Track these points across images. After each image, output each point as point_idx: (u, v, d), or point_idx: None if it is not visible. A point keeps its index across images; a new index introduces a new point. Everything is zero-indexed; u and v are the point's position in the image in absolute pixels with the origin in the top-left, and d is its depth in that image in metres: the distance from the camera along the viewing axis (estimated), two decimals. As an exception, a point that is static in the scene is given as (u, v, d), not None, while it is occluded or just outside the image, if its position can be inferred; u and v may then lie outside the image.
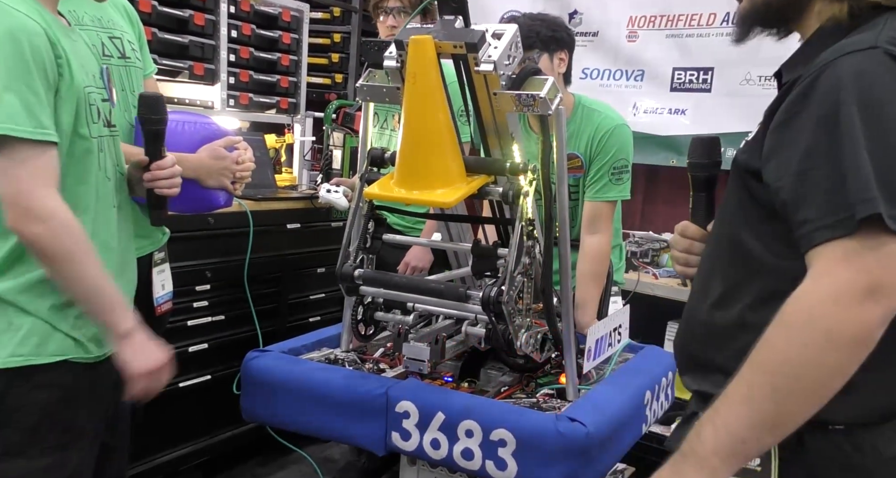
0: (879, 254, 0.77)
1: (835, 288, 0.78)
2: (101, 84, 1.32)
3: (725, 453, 0.83)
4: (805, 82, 0.85)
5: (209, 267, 2.29)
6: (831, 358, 0.78)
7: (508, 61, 1.36)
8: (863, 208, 0.78)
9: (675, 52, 3.17)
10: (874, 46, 0.82)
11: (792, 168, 0.83)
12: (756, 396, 0.81)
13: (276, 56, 2.96)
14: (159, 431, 2.19)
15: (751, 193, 0.92)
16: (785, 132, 0.86)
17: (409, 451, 1.43)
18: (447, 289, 1.48)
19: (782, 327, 0.81)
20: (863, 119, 0.79)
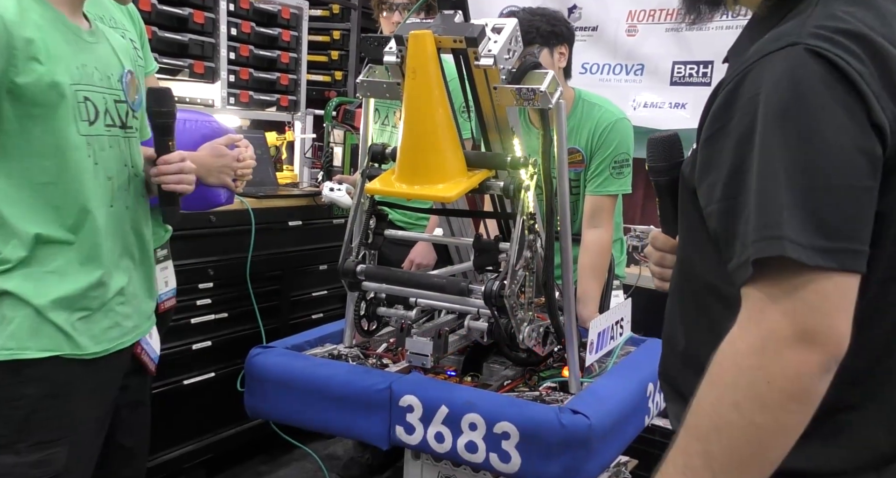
0: (803, 294, 0.66)
1: (760, 337, 0.67)
2: (117, 86, 1.32)
3: None
4: (728, 88, 0.74)
5: (211, 265, 2.30)
6: (765, 418, 0.67)
7: (508, 55, 1.36)
8: (759, 249, 0.67)
9: (674, 46, 3.17)
10: (795, 43, 0.70)
11: (716, 195, 0.73)
12: (691, 466, 0.70)
13: (276, 54, 2.97)
14: (164, 428, 2.19)
15: (696, 212, 0.79)
16: (712, 149, 0.74)
17: (412, 445, 1.44)
18: (449, 284, 1.48)
19: (711, 386, 0.70)
20: (781, 135, 0.68)
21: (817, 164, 0.67)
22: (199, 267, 2.26)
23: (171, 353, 2.17)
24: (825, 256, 0.66)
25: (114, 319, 1.30)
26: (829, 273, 0.66)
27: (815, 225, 0.66)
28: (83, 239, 1.24)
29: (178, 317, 2.13)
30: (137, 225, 1.38)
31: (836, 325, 0.66)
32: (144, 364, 1.42)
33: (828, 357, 0.66)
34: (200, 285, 2.27)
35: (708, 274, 0.80)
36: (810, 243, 0.66)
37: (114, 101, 1.31)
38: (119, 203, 1.32)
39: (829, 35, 0.69)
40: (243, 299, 2.36)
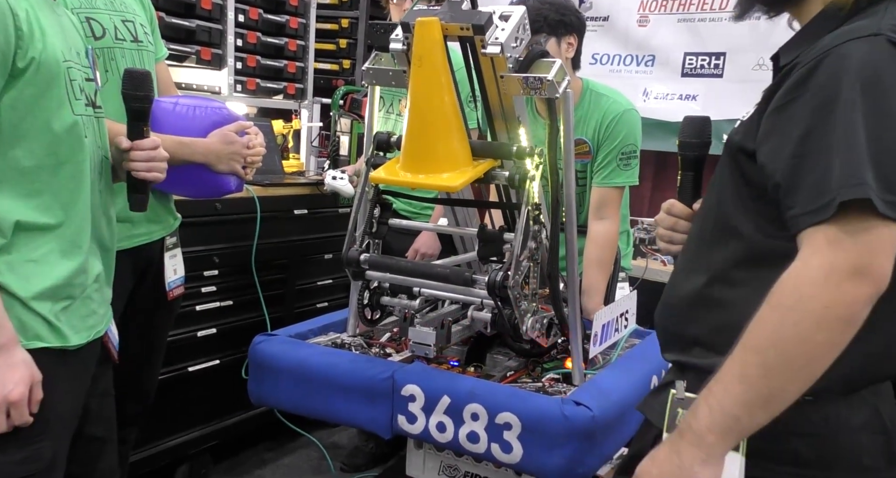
0: (866, 237, 0.79)
1: (823, 269, 0.80)
2: (85, 63, 1.26)
3: (720, 430, 0.85)
4: (806, 67, 0.85)
5: (217, 252, 2.30)
6: (820, 337, 0.80)
7: (516, 44, 1.35)
8: (847, 193, 0.79)
9: (686, 37, 3.14)
10: (877, 33, 0.83)
11: (787, 152, 0.85)
12: (749, 374, 0.84)
13: (284, 41, 2.96)
14: (168, 415, 2.21)
15: (743, 174, 0.93)
16: (782, 116, 0.87)
17: (414, 434, 1.44)
18: (453, 274, 1.47)
19: (773, 308, 0.83)
20: (864, 106, 0.81)
21: (890, 133, 0.80)
22: (204, 255, 2.26)
23: (177, 340, 2.18)
24: (890, 207, 0.79)
25: (91, 308, 1.26)
26: (887, 222, 0.80)
27: (886, 182, 0.80)
28: (67, 224, 1.19)
29: (184, 304, 2.13)
30: (107, 209, 1.32)
31: (884, 265, 0.80)
32: (110, 353, 1.37)
33: (875, 291, 0.80)
34: (206, 273, 2.28)
35: (745, 229, 0.93)
36: (881, 196, 0.79)
37: (85, 80, 1.25)
38: (94, 187, 1.26)
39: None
40: (248, 287, 2.36)
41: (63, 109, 1.17)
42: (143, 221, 1.71)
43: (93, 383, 1.32)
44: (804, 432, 0.91)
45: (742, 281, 0.91)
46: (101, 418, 1.37)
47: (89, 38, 1.56)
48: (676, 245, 1.14)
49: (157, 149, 1.35)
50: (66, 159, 1.19)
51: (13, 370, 1.10)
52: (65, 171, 1.19)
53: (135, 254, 1.70)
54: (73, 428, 1.26)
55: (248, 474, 2.51)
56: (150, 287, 1.77)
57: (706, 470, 0.86)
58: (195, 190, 1.80)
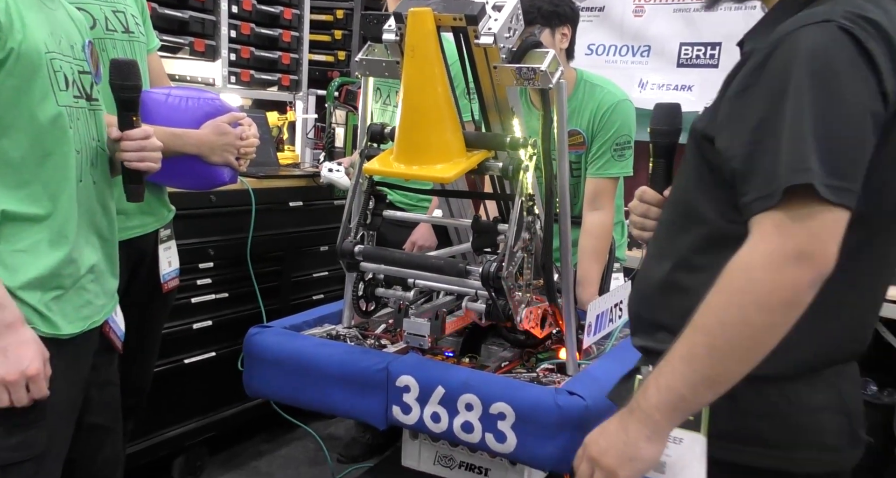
0: (810, 222, 0.81)
1: (768, 254, 0.82)
2: (81, 56, 1.27)
3: (666, 408, 0.88)
4: (761, 54, 0.87)
5: (212, 245, 2.30)
6: (763, 319, 0.82)
7: (509, 34, 1.35)
8: (791, 178, 0.81)
9: (681, 27, 3.13)
10: (828, 20, 0.84)
11: (743, 139, 0.86)
12: (695, 355, 0.86)
13: (278, 32, 2.94)
14: (165, 407, 2.22)
15: (706, 160, 0.94)
16: (739, 102, 0.88)
17: (409, 424, 1.44)
18: (447, 265, 1.48)
19: (720, 291, 0.85)
20: (813, 92, 0.82)
21: (838, 118, 0.82)
22: (199, 247, 2.26)
23: (172, 332, 2.18)
24: (834, 192, 0.80)
25: (85, 298, 1.26)
26: (832, 207, 0.81)
27: (831, 166, 0.81)
28: (55, 215, 1.19)
29: (179, 296, 2.13)
30: (104, 201, 1.32)
31: (827, 250, 0.81)
32: (112, 342, 1.38)
33: (817, 275, 0.82)
34: (201, 265, 2.28)
35: (707, 215, 0.94)
36: (825, 181, 0.80)
37: (79, 72, 1.25)
38: (87, 178, 1.26)
39: (855, 18, 0.84)
40: (244, 280, 2.36)
41: (47, 101, 1.18)
42: (136, 213, 1.71)
43: (94, 373, 1.33)
44: (765, 412, 0.92)
45: (704, 266, 0.92)
46: (103, 407, 1.38)
47: None
48: (648, 232, 1.15)
49: (149, 138, 1.34)
50: (51, 151, 1.19)
51: (26, 347, 1.13)
52: (50, 162, 1.19)
53: (129, 246, 1.69)
54: (72, 417, 1.27)
55: (244, 465, 2.52)
56: (145, 279, 1.77)
57: (650, 446, 0.89)
58: (189, 182, 1.80)
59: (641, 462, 0.89)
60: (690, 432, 0.92)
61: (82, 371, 1.30)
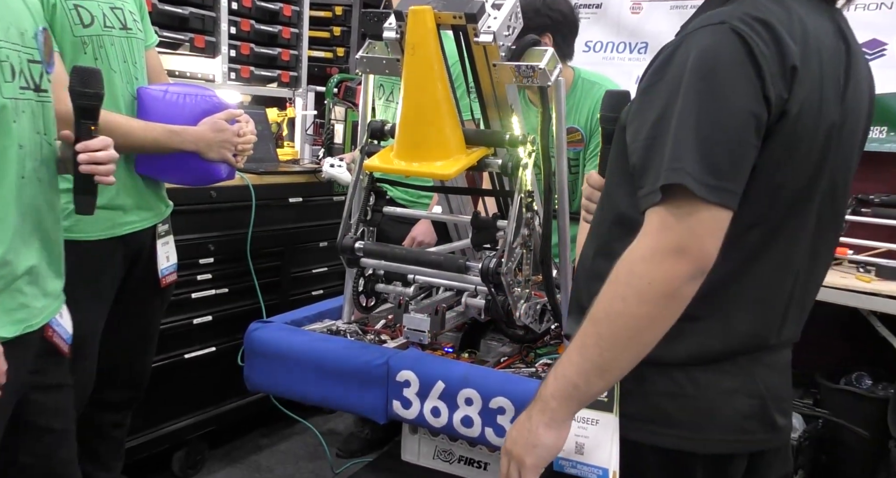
0: (689, 219, 0.84)
1: (649, 248, 0.85)
2: (32, 44, 1.19)
3: (561, 396, 0.91)
4: (667, 52, 0.90)
5: (212, 240, 2.30)
6: (644, 310, 0.85)
7: (508, 32, 1.36)
8: (667, 177, 0.83)
9: (678, 24, 3.09)
10: (723, 22, 0.86)
11: (642, 134, 0.89)
12: (586, 345, 0.89)
13: (278, 29, 2.94)
14: (164, 401, 2.23)
15: (625, 150, 0.97)
16: (644, 99, 0.91)
17: (409, 419, 1.46)
18: (447, 261, 1.49)
19: (609, 283, 0.88)
20: (699, 92, 0.84)
21: (719, 119, 0.84)
22: (199, 242, 2.27)
23: (172, 327, 2.19)
24: (710, 191, 0.83)
25: (20, 301, 1.19)
26: (709, 205, 0.83)
27: (709, 166, 0.83)
28: None
29: (179, 291, 2.14)
30: (50, 199, 1.25)
31: (705, 245, 0.84)
32: (57, 346, 1.30)
33: (695, 269, 0.84)
34: (201, 261, 2.29)
35: (623, 204, 0.97)
36: (702, 180, 0.83)
37: (28, 61, 1.18)
38: (31, 175, 1.18)
39: (749, 21, 0.86)
40: (244, 275, 2.37)
41: None
42: (133, 208, 1.72)
43: (40, 377, 1.26)
44: (672, 393, 0.94)
45: (615, 254, 0.93)
46: (53, 411, 1.32)
47: (77, 25, 1.55)
48: (591, 215, 1.18)
49: (107, 150, 1.28)
50: None
51: None
52: None
53: (126, 241, 1.71)
54: (3, 421, 1.20)
55: (244, 459, 2.54)
56: (142, 274, 1.78)
57: (549, 433, 0.91)
58: (186, 178, 1.81)
59: (543, 449, 0.92)
60: (604, 414, 0.95)
61: (19, 375, 1.20)
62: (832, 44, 0.92)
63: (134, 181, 1.72)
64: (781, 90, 0.85)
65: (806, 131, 0.88)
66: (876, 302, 2.17)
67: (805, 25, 0.89)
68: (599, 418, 0.96)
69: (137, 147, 1.65)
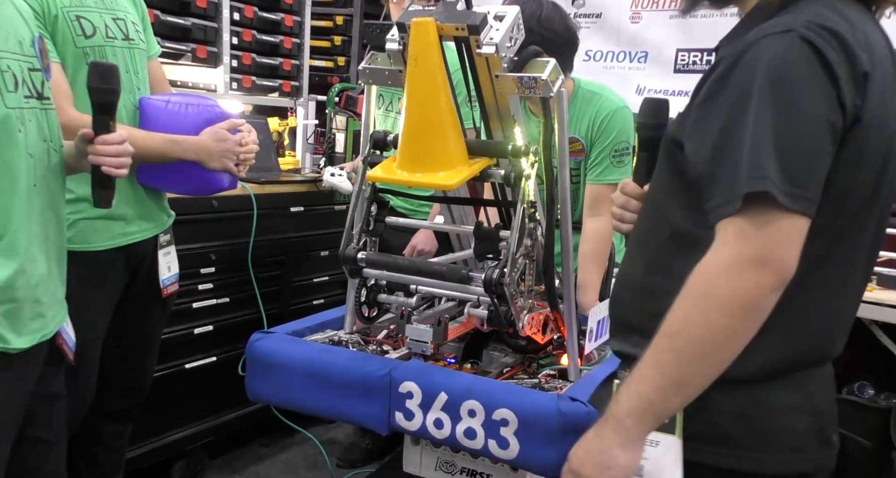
0: (769, 228, 0.82)
1: (728, 259, 0.84)
2: (31, 52, 1.21)
3: (637, 414, 0.88)
4: (727, 62, 0.88)
5: (213, 250, 2.31)
6: (724, 323, 0.83)
7: (510, 43, 1.36)
8: (750, 185, 0.82)
9: (678, 34, 3.15)
10: (789, 30, 0.85)
11: (707, 145, 0.88)
12: (662, 360, 0.87)
13: (279, 39, 2.96)
14: (165, 411, 2.22)
15: (676, 164, 0.96)
16: (706, 109, 0.90)
17: (412, 431, 1.45)
18: (449, 271, 1.49)
19: (685, 296, 0.86)
20: (772, 101, 0.83)
21: (797, 127, 0.83)
22: (201, 252, 2.27)
23: (173, 337, 2.19)
24: (792, 199, 0.82)
25: (36, 311, 1.20)
26: (791, 214, 0.83)
27: (789, 174, 0.82)
28: (4, 226, 1.13)
29: (180, 301, 2.14)
30: (56, 205, 1.27)
31: (786, 255, 0.83)
32: (64, 353, 1.32)
33: (776, 280, 0.83)
34: (202, 270, 2.29)
35: (675, 217, 0.96)
36: (783, 188, 0.82)
37: (28, 70, 1.19)
38: (41, 183, 1.20)
39: (816, 28, 0.85)
40: (245, 284, 2.37)
41: None
42: (135, 218, 1.72)
43: (40, 386, 1.27)
44: (734, 413, 0.93)
45: (674, 269, 0.92)
46: (47, 421, 1.32)
47: (80, 36, 1.55)
48: (626, 224, 1.16)
49: (124, 143, 1.30)
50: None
51: None
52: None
53: (128, 251, 1.71)
54: (12, 432, 1.21)
55: (244, 470, 2.53)
56: (144, 284, 1.78)
57: (625, 453, 0.89)
58: (188, 187, 1.81)
59: (618, 470, 0.90)
60: (666, 435, 0.93)
61: (28, 386, 1.23)
62: (884, 51, 0.92)
63: (136, 191, 1.72)
64: (855, 97, 0.85)
65: (874, 139, 0.88)
66: (878, 311, 2.18)
67: (865, 33, 0.89)
68: (661, 439, 0.93)
69: (139, 157, 1.65)
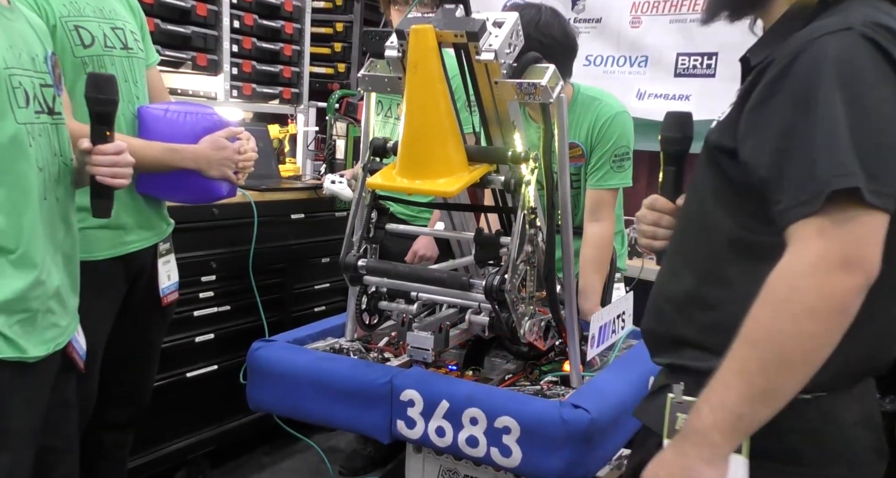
0: (854, 227, 0.80)
1: (813, 261, 0.81)
2: (43, 68, 1.23)
3: (725, 428, 0.85)
4: (782, 64, 0.87)
5: (214, 258, 2.30)
6: (814, 328, 0.81)
7: (509, 50, 1.36)
8: (836, 182, 0.80)
9: (678, 38, 3.15)
10: (849, 28, 0.84)
11: (769, 147, 0.85)
12: (748, 370, 0.84)
13: (279, 46, 2.96)
14: (166, 420, 2.22)
15: (723, 172, 0.94)
16: (762, 112, 0.88)
17: (413, 439, 1.44)
18: (450, 278, 1.48)
19: (767, 302, 0.83)
20: (843, 99, 0.82)
21: (871, 123, 0.82)
22: (201, 260, 2.27)
23: (174, 345, 2.19)
24: (876, 196, 0.80)
25: (51, 320, 1.23)
26: (874, 211, 0.80)
27: (869, 171, 0.80)
28: (18, 237, 1.16)
29: (181, 309, 2.14)
30: (67, 217, 1.29)
31: (871, 254, 0.81)
32: (75, 362, 1.34)
33: (864, 280, 0.80)
34: (203, 278, 2.28)
35: (727, 226, 0.93)
36: (867, 185, 0.80)
37: (40, 86, 1.22)
38: (51, 196, 1.23)
39: (874, 26, 0.85)
40: (246, 292, 2.36)
41: (5, 119, 1.14)
42: (134, 227, 1.71)
43: (54, 394, 1.29)
44: (802, 429, 0.91)
45: (729, 279, 0.91)
46: (58, 429, 1.33)
47: (78, 46, 1.56)
48: (660, 241, 1.14)
49: (122, 154, 1.31)
50: (8, 170, 1.15)
51: None
52: (7, 182, 1.15)
53: (127, 260, 1.70)
54: (34, 440, 1.23)
55: (246, 478, 2.52)
56: (143, 293, 1.78)
57: (712, 470, 0.86)
58: (187, 196, 1.81)
59: None
60: (734, 455, 0.89)
61: (45, 394, 1.25)
62: None
63: (135, 200, 1.72)
64: None
65: None
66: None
67: None
68: (729, 459, 0.88)
69: (138, 166, 1.65)
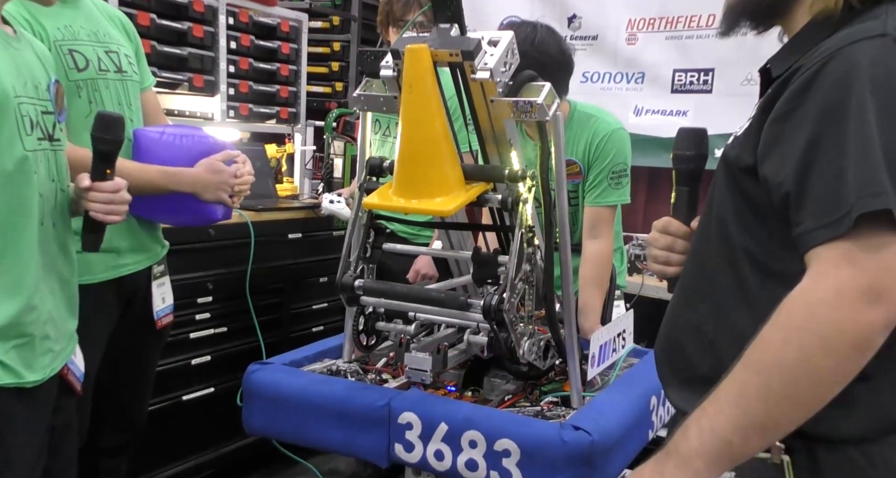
0: (884, 254, 0.72)
1: (834, 290, 0.73)
2: (45, 96, 1.25)
3: (710, 454, 0.79)
4: (809, 72, 0.80)
5: (211, 279, 2.29)
6: (828, 362, 0.74)
7: (505, 68, 1.36)
8: (865, 204, 0.72)
9: (674, 54, 3.17)
10: (883, 34, 0.78)
11: (794, 161, 0.78)
12: (747, 396, 0.77)
13: (276, 66, 2.97)
14: (163, 444, 2.19)
15: (743, 191, 0.87)
16: (786, 124, 0.81)
17: (412, 463, 1.42)
18: (448, 298, 1.47)
19: (779, 328, 0.76)
20: (877, 108, 0.75)
21: None
22: (197, 281, 2.25)
23: (170, 368, 2.16)
24: None
25: (46, 345, 1.23)
26: None
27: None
28: (13, 262, 1.16)
29: (177, 332, 2.12)
30: (64, 242, 1.31)
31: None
32: (72, 385, 1.34)
33: (893, 314, 0.72)
34: (199, 300, 2.26)
35: (754, 249, 0.86)
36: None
37: (41, 113, 1.24)
38: (48, 221, 1.25)
39: None
40: (243, 313, 2.34)
41: (14, 146, 1.16)
42: (128, 250, 1.70)
43: (55, 416, 1.29)
44: (848, 474, 0.83)
45: (753, 309, 0.84)
46: (59, 451, 1.33)
47: (72, 69, 1.56)
48: (673, 267, 1.06)
49: (119, 192, 1.32)
50: (12, 196, 1.16)
51: None
52: (11, 208, 1.16)
53: (121, 283, 1.69)
54: (39, 465, 1.23)
55: (245, 502, 2.48)
56: (138, 316, 1.76)
57: None
58: (182, 218, 1.80)
59: None
60: None
61: (45, 419, 1.26)
62: None
63: (129, 223, 1.71)
64: None
65: None
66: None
67: None
68: None
69: (133, 189, 1.64)
